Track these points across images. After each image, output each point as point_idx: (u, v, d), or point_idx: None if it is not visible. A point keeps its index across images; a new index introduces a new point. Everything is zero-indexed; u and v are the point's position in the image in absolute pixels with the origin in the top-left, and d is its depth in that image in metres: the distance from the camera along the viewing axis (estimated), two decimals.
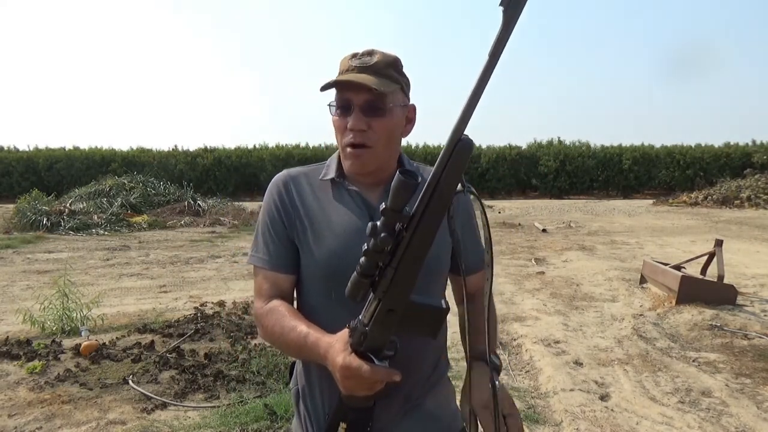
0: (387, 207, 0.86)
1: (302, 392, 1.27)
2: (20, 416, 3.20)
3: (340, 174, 1.22)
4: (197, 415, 3.26)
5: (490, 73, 0.79)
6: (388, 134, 1.16)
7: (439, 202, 0.86)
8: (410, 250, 0.89)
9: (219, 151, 26.30)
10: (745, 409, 3.31)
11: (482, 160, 25.72)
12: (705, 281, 5.71)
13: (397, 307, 0.93)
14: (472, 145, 0.84)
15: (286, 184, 1.24)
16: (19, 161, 25.18)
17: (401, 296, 0.92)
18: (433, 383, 1.24)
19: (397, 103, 1.16)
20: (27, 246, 10.39)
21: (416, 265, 0.90)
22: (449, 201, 0.86)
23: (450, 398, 1.30)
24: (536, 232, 12.40)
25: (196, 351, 4.21)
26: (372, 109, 1.12)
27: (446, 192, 0.85)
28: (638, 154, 25.19)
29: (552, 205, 20.14)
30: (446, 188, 0.85)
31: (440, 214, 0.87)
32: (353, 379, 0.98)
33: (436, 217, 0.87)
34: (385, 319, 0.94)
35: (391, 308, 0.93)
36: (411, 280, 0.91)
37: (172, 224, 13.94)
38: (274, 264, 1.21)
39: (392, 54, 1.17)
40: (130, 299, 6.23)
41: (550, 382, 3.75)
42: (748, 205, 17.65)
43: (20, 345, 4.32)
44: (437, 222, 0.87)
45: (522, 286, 6.69)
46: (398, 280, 0.91)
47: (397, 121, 1.17)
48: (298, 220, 1.21)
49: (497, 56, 0.78)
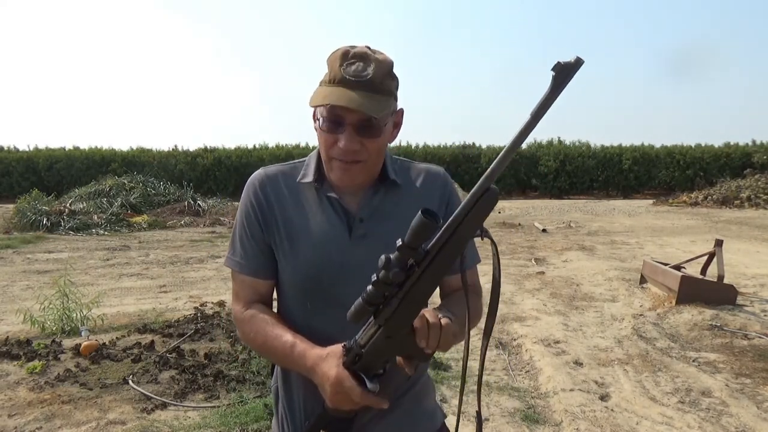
0: (404, 244, 0.86)
1: (280, 392, 1.26)
2: (20, 416, 3.20)
3: (318, 178, 1.18)
4: (197, 415, 3.26)
5: (529, 132, 0.80)
6: (378, 150, 1.13)
7: (455, 246, 0.87)
8: (419, 285, 0.90)
9: (219, 151, 26.28)
10: (745, 409, 3.31)
11: (482, 160, 25.66)
12: (705, 281, 5.70)
13: (396, 336, 0.96)
14: (498, 196, 0.85)
15: (263, 184, 1.19)
16: (19, 161, 25.15)
17: (402, 326, 0.95)
18: (413, 381, 1.24)
19: (388, 113, 1.10)
20: (27, 246, 10.39)
21: (422, 299, 0.93)
22: (465, 245, 0.88)
23: (429, 395, 1.30)
24: (536, 232, 12.40)
25: (196, 351, 4.21)
26: (365, 129, 1.07)
27: (464, 236, 0.86)
28: (638, 154, 25.17)
29: (552, 205, 20.13)
30: (465, 233, 0.86)
31: (454, 257, 0.88)
32: (342, 395, 0.99)
33: (450, 258, 0.88)
34: (383, 346, 0.97)
35: (390, 336, 0.96)
36: (414, 312, 0.94)
37: (172, 224, 13.94)
38: (252, 269, 1.19)
39: (387, 58, 1.10)
40: (130, 299, 6.23)
41: (550, 382, 3.75)
42: (748, 205, 17.64)
43: (20, 345, 4.32)
44: (450, 263, 0.88)
45: (522, 286, 6.68)
46: (402, 311, 0.93)
47: (388, 134, 1.14)
48: (275, 224, 1.17)
49: (539, 117, 0.79)
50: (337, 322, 1.09)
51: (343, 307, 0.96)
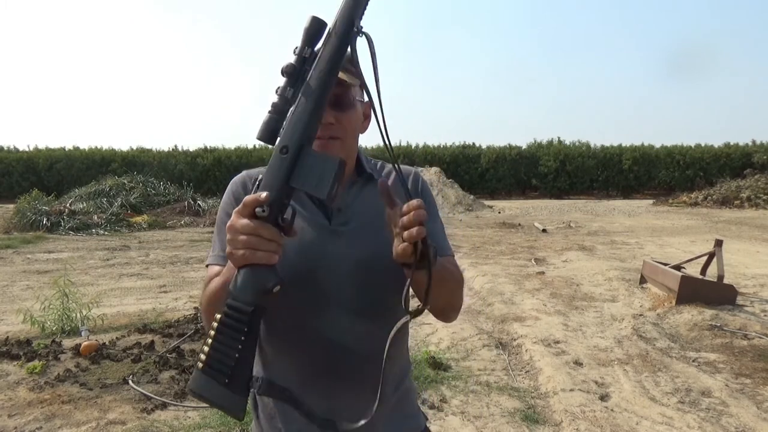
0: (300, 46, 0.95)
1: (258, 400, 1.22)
2: (20, 416, 3.20)
3: None
4: (197, 415, 3.26)
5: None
6: (353, 128, 1.16)
7: (336, 39, 0.93)
8: (307, 85, 0.93)
9: (219, 151, 26.29)
10: (745, 409, 3.32)
11: (482, 160, 25.70)
12: (705, 281, 5.70)
13: (290, 144, 0.93)
14: None
15: (245, 184, 1.21)
16: (19, 161, 25.15)
17: (294, 133, 0.93)
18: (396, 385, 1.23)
19: (358, 98, 1.16)
20: (27, 246, 10.39)
21: (311, 103, 0.93)
22: (347, 44, 0.94)
23: (411, 400, 1.30)
24: (536, 232, 12.40)
25: (196, 351, 4.21)
26: (338, 103, 1.11)
27: (343, 31, 0.93)
28: (638, 154, 25.18)
29: (552, 205, 20.14)
30: (340, 27, 0.93)
31: (338, 50, 0.93)
32: (232, 228, 0.90)
33: (334, 52, 0.93)
34: (278, 161, 0.93)
35: (285, 145, 0.93)
36: (307, 118, 0.93)
37: (172, 224, 13.95)
38: None
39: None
40: (130, 299, 6.23)
41: (550, 382, 3.75)
42: (748, 205, 17.65)
43: (20, 345, 4.32)
44: (334, 58, 0.93)
45: (522, 286, 6.68)
46: (296, 116, 0.93)
47: (359, 116, 1.17)
48: None
49: None
50: (327, 320, 1.09)
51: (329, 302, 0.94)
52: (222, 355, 0.92)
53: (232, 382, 0.92)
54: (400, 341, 1.24)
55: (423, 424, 1.30)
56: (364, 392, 1.14)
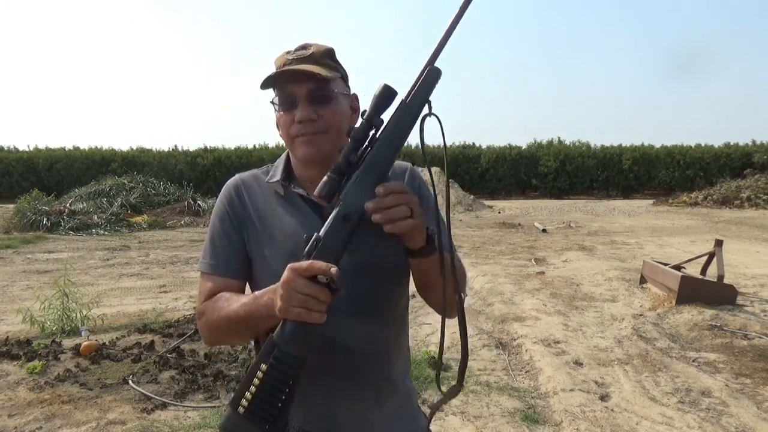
0: (367, 113, 0.96)
1: None
2: (20, 416, 3.20)
3: (286, 176, 1.20)
4: (197, 415, 3.26)
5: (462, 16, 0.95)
6: (338, 121, 1.14)
7: (407, 115, 0.96)
8: (376, 153, 0.95)
9: (219, 151, 26.30)
10: (745, 409, 3.32)
11: (482, 160, 25.70)
12: (705, 281, 5.70)
13: (352, 213, 0.95)
14: (440, 74, 0.96)
15: (238, 188, 1.21)
16: (19, 161, 25.17)
17: (357, 201, 0.95)
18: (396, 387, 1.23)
19: (340, 90, 1.15)
20: (27, 246, 10.39)
21: (374, 170, 0.96)
22: (416, 118, 0.96)
23: (412, 400, 1.29)
24: (536, 232, 12.40)
25: (196, 351, 4.21)
26: (318, 98, 1.11)
27: (414, 108, 0.96)
28: (638, 154, 25.19)
29: (552, 205, 20.14)
30: (414, 105, 0.96)
31: (407, 128, 0.96)
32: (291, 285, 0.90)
33: (403, 129, 0.96)
34: (339, 227, 0.95)
35: (347, 212, 0.95)
36: (368, 185, 0.95)
37: (172, 224, 13.95)
38: (222, 270, 1.18)
39: (326, 45, 1.17)
40: (130, 299, 6.23)
41: (550, 382, 3.75)
42: (748, 205, 17.65)
43: (20, 345, 4.32)
44: (403, 135, 0.96)
45: (522, 286, 6.68)
46: (359, 183, 0.95)
47: (343, 110, 1.16)
48: (250, 224, 1.18)
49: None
50: (326, 321, 1.08)
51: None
52: (266, 403, 0.95)
53: (272, 429, 0.96)
54: (400, 341, 1.24)
55: (423, 425, 1.29)
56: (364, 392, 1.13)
